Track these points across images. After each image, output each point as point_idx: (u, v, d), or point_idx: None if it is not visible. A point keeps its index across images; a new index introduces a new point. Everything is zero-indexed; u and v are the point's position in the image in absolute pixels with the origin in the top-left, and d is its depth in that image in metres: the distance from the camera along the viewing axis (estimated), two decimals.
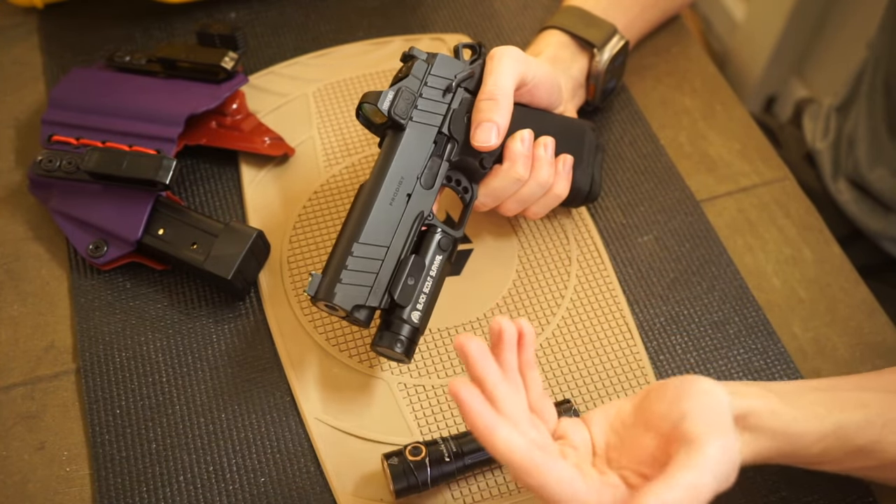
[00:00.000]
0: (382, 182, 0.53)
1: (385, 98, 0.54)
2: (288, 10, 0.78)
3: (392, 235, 0.53)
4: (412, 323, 0.52)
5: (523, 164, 0.56)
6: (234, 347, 0.58)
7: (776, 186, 0.69)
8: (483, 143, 0.54)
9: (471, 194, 0.58)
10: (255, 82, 0.72)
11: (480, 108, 0.55)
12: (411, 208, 0.54)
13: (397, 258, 0.52)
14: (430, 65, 0.56)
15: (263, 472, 0.54)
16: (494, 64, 0.56)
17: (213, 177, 0.67)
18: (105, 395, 0.56)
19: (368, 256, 0.52)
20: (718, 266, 0.63)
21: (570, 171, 0.60)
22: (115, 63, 0.68)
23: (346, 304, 0.50)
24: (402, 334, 0.52)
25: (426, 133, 0.55)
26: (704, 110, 0.73)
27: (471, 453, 0.51)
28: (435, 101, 0.56)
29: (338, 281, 0.51)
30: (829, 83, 1.37)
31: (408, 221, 0.53)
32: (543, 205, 0.60)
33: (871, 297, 0.63)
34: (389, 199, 0.53)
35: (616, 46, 0.66)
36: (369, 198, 0.53)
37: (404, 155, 0.54)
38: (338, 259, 0.51)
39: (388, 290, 0.52)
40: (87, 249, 0.60)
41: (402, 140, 0.54)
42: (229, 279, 0.57)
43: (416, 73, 0.55)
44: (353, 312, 0.51)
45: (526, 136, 0.57)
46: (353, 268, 0.51)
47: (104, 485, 0.53)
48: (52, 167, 0.61)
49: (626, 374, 0.58)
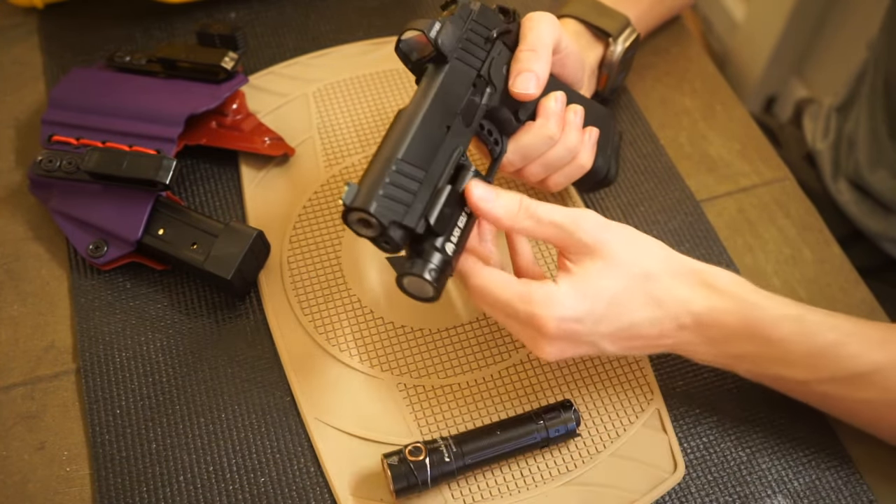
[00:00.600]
0: (425, 106, 0.51)
1: (433, 27, 0.51)
2: (288, 10, 0.78)
3: (432, 161, 0.50)
4: (445, 254, 0.48)
5: (556, 122, 0.56)
6: (234, 347, 0.58)
7: (776, 186, 0.69)
8: (522, 91, 0.53)
9: (500, 147, 0.56)
10: (255, 82, 0.72)
11: (521, 58, 0.54)
12: (450, 140, 0.51)
13: (433, 186, 0.49)
14: (474, 10, 0.55)
15: (263, 472, 0.54)
16: (534, 22, 0.55)
17: (213, 177, 0.67)
18: (105, 395, 0.56)
19: (408, 175, 0.48)
20: (718, 266, 0.63)
21: (594, 144, 0.59)
22: (115, 63, 0.68)
23: (384, 216, 0.46)
24: (434, 262, 0.47)
25: (467, 73, 0.53)
26: (704, 110, 0.73)
27: (471, 453, 0.51)
28: (476, 45, 0.54)
29: (377, 192, 0.46)
30: (829, 83, 1.37)
31: (447, 151, 0.51)
32: (566, 174, 0.59)
33: (871, 297, 0.63)
34: (431, 124, 0.50)
35: (629, 38, 0.66)
36: (411, 119, 0.50)
37: (446, 87, 0.52)
38: (378, 171, 0.47)
39: (424, 215, 0.48)
40: (87, 249, 0.60)
41: (445, 72, 0.52)
42: (229, 279, 0.57)
43: (462, 15, 0.54)
44: (388, 229, 0.46)
45: (560, 97, 0.56)
46: (392, 182, 0.47)
47: (104, 485, 0.53)
48: (52, 167, 0.61)
49: (626, 373, 0.58)
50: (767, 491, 0.54)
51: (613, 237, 0.49)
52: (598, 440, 0.55)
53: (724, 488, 0.54)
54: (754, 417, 0.57)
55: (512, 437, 0.52)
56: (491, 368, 0.58)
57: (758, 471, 0.55)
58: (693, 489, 0.54)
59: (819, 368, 0.50)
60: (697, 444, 0.55)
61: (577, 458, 0.54)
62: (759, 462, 0.55)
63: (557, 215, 0.49)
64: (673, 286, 0.49)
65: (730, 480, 0.54)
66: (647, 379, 0.58)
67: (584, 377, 0.58)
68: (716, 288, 0.50)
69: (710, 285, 0.50)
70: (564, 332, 0.48)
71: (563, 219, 0.49)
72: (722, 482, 0.54)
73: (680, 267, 0.50)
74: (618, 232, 0.49)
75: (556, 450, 0.54)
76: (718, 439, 0.56)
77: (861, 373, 0.49)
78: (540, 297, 0.48)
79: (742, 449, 0.55)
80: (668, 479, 0.54)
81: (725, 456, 0.55)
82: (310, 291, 0.61)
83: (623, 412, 0.56)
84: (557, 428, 0.53)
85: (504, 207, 0.49)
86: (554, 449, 0.54)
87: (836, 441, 0.56)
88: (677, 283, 0.49)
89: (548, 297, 0.48)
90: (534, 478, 0.53)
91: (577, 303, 0.48)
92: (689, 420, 0.56)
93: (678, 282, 0.49)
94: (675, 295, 0.49)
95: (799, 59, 1.42)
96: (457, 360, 0.58)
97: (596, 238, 0.48)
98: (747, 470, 0.55)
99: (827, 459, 0.55)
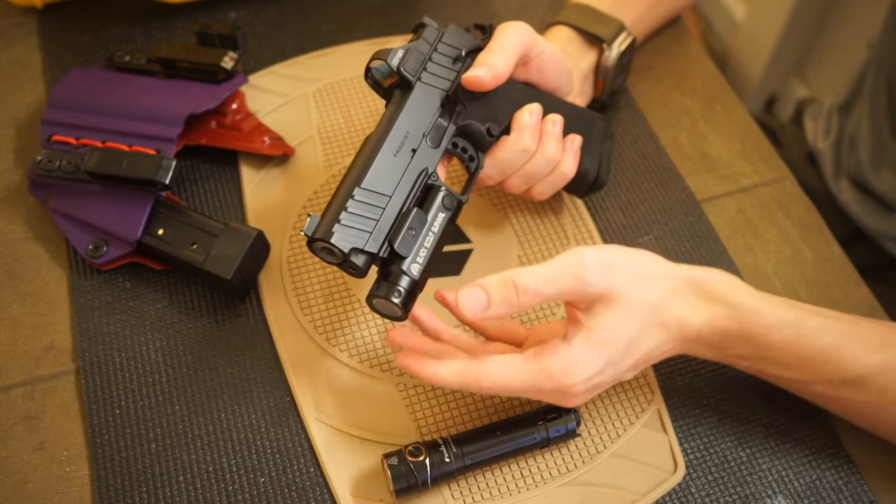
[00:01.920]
0: (388, 133, 0.52)
1: (395, 55, 0.53)
2: (288, 9, 0.78)
3: (395, 186, 0.52)
4: (411, 275, 0.50)
5: (530, 135, 0.56)
6: (234, 347, 0.58)
7: (776, 186, 0.69)
8: (471, 81, 0.54)
9: (476, 163, 0.57)
10: (255, 82, 0.72)
11: (477, 58, 0.55)
12: (416, 163, 0.53)
13: (399, 209, 0.51)
14: (442, 33, 0.56)
15: (263, 472, 0.54)
16: (500, 30, 0.56)
17: (213, 177, 0.67)
18: (105, 395, 0.56)
19: (370, 202, 0.50)
20: (719, 266, 0.63)
21: (577, 151, 0.59)
22: (115, 63, 0.68)
23: (343, 245, 0.48)
24: (400, 285, 0.49)
25: (434, 94, 0.55)
26: (704, 110, 0.73)
27: (471, 454, 0.51)
28: (444, 66, 0.56)
29: (336, 221, 0.49)
30: (829, 83, 1.37)
31: (411, 175, 0.53)
32: (549, 183, 0.59)
33: (872, 297, 0.63)
34: (394, 150, 0.52)
35: (624, 43, 0.66)
36: (374, 146, 0.52)
37: (411, 111, 0.54)
38: (338, 201, 0.50)
39: (387, 239, 0.50)
40: (87, 249, 0.60)
41: (410, 97, 0.54)
42: (229, 279, 0.57)
43: (427, 38, 0.56)
44: (350, 256, 0.49)
45: (534, 109, 0.57)
46: (353, 210, 0.50)
47: (104, 485, 0.53)
48: (51, 167, 0.61)
49: None
50: (768, 491, 0.54)
51: (620, 279, 0.48)
52: (598, 440, 0.55)
53: (725, 488, 0.54)
54: (754, 417, 0.56)
55: (512, 438, 0.52)
56: None
57: (758, 471, 0.54)
58: (693, 489, 0.54)
59: (815, 371, 0.50)
60: (697, 444, 0.55)
61: (578, 458, 0.54)
62: (760, 462, 0.55)
63: (561, 280, 0.47)
64: (675, 306, 0.49)
65: (730, 480, 0.54)
66: (647, 379, 0.58)
67: None
68: (713, 296, 0.50)
69: (708, 295, 0.50)
70: (590, 387, 0.49)
71: (569, 280, 0.47)
72: (722, 482, 0.54)
73: (678, 282, 0.50)
74: (621, 270, 0.48)
75: (557, 450, 0.54)
76: (718, 439, 0.56)
77: (857, 376, 0.50)
78: (559, 368, 0.47)
79: (742, 449, 0.55)
80: (668, 480, 0.54)
81: (725, 456, 0.55)
82: (310, 291, 0.61)
83: (623, 412, 0.56)
84: (558, 428, 0.53)
85: (502, 305, 0.47)
86: (554, 449, 0.54)
87: (836, 441, 0.56)
88: (679, 302, 0.50)
89: (567, 365, 0.47)
90: (534, 478, 0.53)
91: (596, 359, 0.48)
92: (689, 420, 0.56)
93: (679, 300, 0.50)
94: (678, 314, 0.49)
95: (799, 58, 1.42)
96: None
97: (603, 286, 0.47)
98: (747, 470, 0.55)
99: (827, 460, 0.55)
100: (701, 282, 0.50)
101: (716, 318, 0.49)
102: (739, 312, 0.49)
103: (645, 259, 0.50)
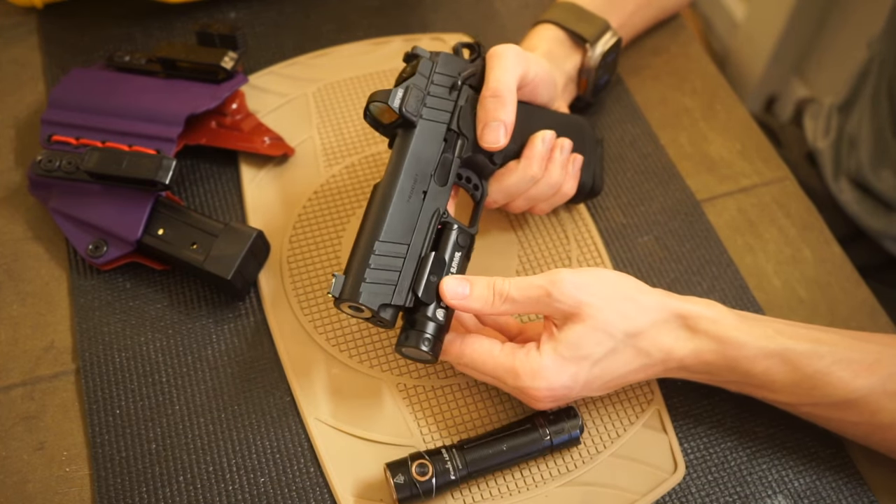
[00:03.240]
0: (398, 180, 0.52)
1: (395, 96, 0.53)
2: (288, 9, 0.78)
3: (412, 233, 0.52)
4: (437, 321, 0.51)
5: (539, 164, 0.57)
6: (234, 347, 0.58)
7: (776, 186, 0.69)
8: (492, 144, 0.55)
9: (481, 191, 0.58)
10: (255, 82, 0.72)
11: (486, 105, 0.55)
12: (428, 206, 0.53)
13: (418, 256, 0.51)
14: (435, 63, 0.56)
15: (263, 472, 0.54)
16: (496, 61, 0.56)
17: (213, 177, 0.67)
18: (105, 395, 0.56)
19: (391, 254, 0.51)
20: (719, 266, 0.63)
21: (578, 172, 0.61)
22: (115, 63, 0.68)
23: (372, 303, 0.49)
24: (427, 332, 0.50)
25: (436, 130, 0.54)
26: (704, 110, 0.73)
27: (475, 464, 0.51)
28: (442, 98, 0.55)
29: (362, 280, 0.49)
30: (829, 83, 1.37)
31: (425, 219, 0.53)
32: (551, 203, 0.61)
33: (872, 297, 0.63)
34: (406, 196, 0.52)
35: (609, 42, 0.66)
36: (386, 195, 0.52)
37: (417, 152, 0.53)
38: (360, 258, 0.50)
39: (411, 288, 0.51)
40: (87, 249, 0.60)
41: (414, 137, 0.54)
42: (229, 279, 0.57)
43: (423, 71, 0.55)
44: (379, 312, 0.49)
45: (548, 137, 0.58)
46: (376, 266, 0.50)
47: (104, 485, 0.53)
48: (51, 167, 0.61)
49: None
50: (768, 491, 0.54)
51: (591, 298, 0.49)
52: (598, 440, 0.55)
53: (725, 488, 0.54)
54: (754, 417, 0.56)
55: (516, 447, 0.52)
56: None
57: (758, 471, 0.54)
58: (693, 489, 0.54)
59: (803, 396, 0.51)
60: (697, 444, 0.55)
61: (578, 458, 0.54)
62: (760, 462, 0.55)
63: (532, 291, 0.50)
64: (657, 336, 0.50)
65: (730, 480, 0.54)
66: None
67: None
68: (697, 330, 0.50)
69: (692, 327, 0.50)
70: (554, 397, 0.50)
71: (538, 291, 0.49)
72: (722, 482, 0.54)
73: (663, 314, 0.50)
74: (595, 291, 0.49)
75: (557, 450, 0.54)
76: (718, 439, 0.56)
77: (846, 400, 0.50)
78: (526, 371, 0.49)
79: (742, 449, 0.55)
80: (668, 480, 0.54)
81: (725, 456, 0.55)
82: (310, 291, 0.61)
83: (623, 412, 0.56)
84: (561, 437, 0.53)
85: (479, 300, 0.50)
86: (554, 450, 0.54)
87: (836, 441, 0.56)
88: (661, 333, 0.50)
89: (533, 371, 0.49)
90: (534, 478, 0.53)
91: (562, 372, 0.49)
92: (689, 420, 0.56)
93: (662, 331, 0.50)
94: (660, 345, 0.50)
95: (799, 58, 1.42)
96: None
97: (573, 303, 0.49)
98: (747, 470, 0.55)
99: (827, 460, 0.55)
100: (685, 315, 0.50)
101: (700, 351, 0.50)
102: (724, 345, 0.50)
103: (626, 285, 0.51)
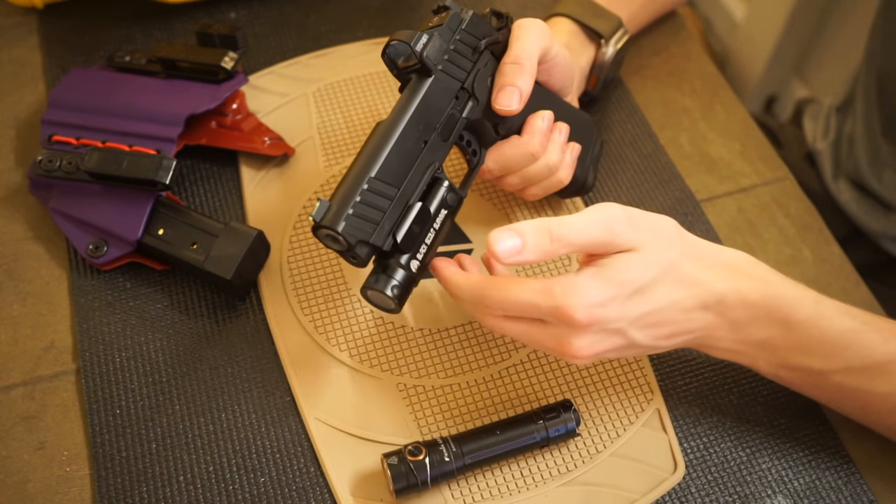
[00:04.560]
0: (403, 122, 0.51)
1: (419, 39, 0.52)
2: (288, 10, 0.78)
3: (405, 179, 0.51)
4: (409, 270, 0.50)
5: (540, 140, 0.57)
6: (234, 347, 0.58)
7: (776, 186, 0.69)
8: (505, 107, 0.54)
9: (478, 158, 0.57)
10: (255, 82, 0.72)
11: (505, 71, 0.54)
12: (426, 156, 0.52)
13: (405, 203, 0.51)
14: (464, 21, 0.55)
15: (263, 472, 0.54)
16: (522, 31, 0.55)
17: (213, 177, 0.67)
18: (105, 395, 0.56)
19: (380, 193, 0.50)
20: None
21: (575, 161, 0.60)
22: (115, 63, 0.68)
23: (351, 236, 0.48)
24: (396, 278, 0.49)
25: (450, 85, 0.54)
26: (704, 110, 0.73)
27: (471, 453, 0.51)
28: (463, 56, 0.54)
29: (346, 212, 0.48)
30: (829, 83, 1.37)
31: (421, 168, 0.52)
32: (543, 187, 0.60)
33: (872, 297, 0.63)
34: (408, 140, 0.51)
35: (621, 39, 0.66)
36: (388, 135, 0.51)
37: (428, 101, 0.52)
38: (349, 189, 0.49)
39: (392, 232, 0.50)
40: (87, 249, 0.60)
41: (428, 85, 0.52)
42: (229, 279, 0.57)
43: (451, 25, 0.54)
44: (355, 247, 0.48)
45: (548, 116, 0.57)
46: (363, 201, 0.49)
47: (104, 485, 0.53)
48: (52, 167, 0.61)
49: (626, 373, 0.58)
50: (767, 491, 0.54)
51: (642, 234, 0.47)
52: (598, 440, 0.55)
53: (724, 488, 0.54)
54: (754, 417, 0.57)
55: (512, 437, 0.52)
56: (491, 368, 0.58)
57: (758, 471, 0.55)
58: (693, 489, 0.54)
59: (836, 357, 0.50)
60: (697, 444, 0.55)
61: (578, 457, 0.54)
62: (759, 462, 0.55)
63: (592, 230, 0.46)
64: (696, 269, 0.48)
65: (730, 480, 0.54)
66: (647, 379, 0.58)
67: (585, 377, 0.58)
68: (738, 269, 0.49)
69: (732, 267, 0.49)
70: (593, 318, 0.46)
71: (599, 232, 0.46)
72: (722, 482, 0.54)
73: (702, 252, 0.49)
74: (644, 225, 0.48)
75: (556, 449, 0.54)
76: (718, 439, 0.56)
77: (877, 363, 0.49)
78: (562, 288, 0.46)
79: (742, 449, 0.55)
80: (668, 479, 0.54)
81: (725, 456, 0.55)
82: (310, 291, 0.61)
83: (623, 412, 0.56)
84: (557, 428, 0.53)
85: (534, 251, 0.46)
86: (554, 449, 0.54)
87: (836, 441, 0.56)
88: (700, 267, 0.49)
89: (570, 286, 0.46)
90: (534, 478, 0.53)
91: (601, 288, 0.46)
92: (689, 420, 0.56)
93: (701, 265, 0.49)
94: (699, 277, 0.48)
95: (799, 59, 1.42)
96: (457, 360, 0.58)
97: (628, 238, 0.47)
98: (747, 470, 0.55)
99: (827, 459, 0.55)
100: (724, 255, 0.50)
101: (741, 288, 0.48)
102: (767, 286, 0.49)
103: (666, 222, 0.49)
